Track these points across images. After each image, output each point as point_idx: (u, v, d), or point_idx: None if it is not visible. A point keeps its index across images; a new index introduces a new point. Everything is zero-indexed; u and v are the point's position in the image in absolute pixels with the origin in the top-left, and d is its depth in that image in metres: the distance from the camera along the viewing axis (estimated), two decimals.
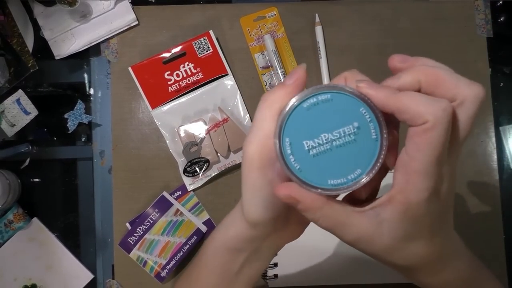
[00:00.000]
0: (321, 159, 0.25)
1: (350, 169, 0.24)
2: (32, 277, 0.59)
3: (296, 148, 0.25)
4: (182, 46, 0.59)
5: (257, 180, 0.27)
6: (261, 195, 0.27)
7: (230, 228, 0.33)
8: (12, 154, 0.61)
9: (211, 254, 0.35)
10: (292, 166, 0.25)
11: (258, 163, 0.26)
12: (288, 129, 0.25)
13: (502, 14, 0.64)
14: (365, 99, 0.24)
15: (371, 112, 0.24)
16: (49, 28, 0.61)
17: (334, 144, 0.24)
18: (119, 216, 0.60)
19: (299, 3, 0.63)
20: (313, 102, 0.24)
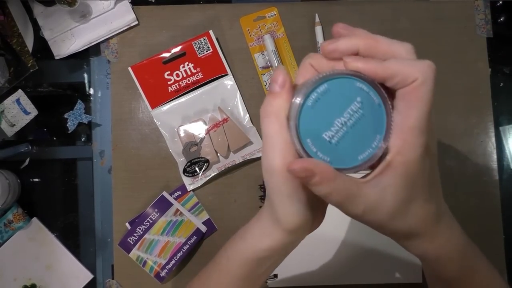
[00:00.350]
0: (344, 143, 0.26)
1: (371, 138, 0.26)
2: (32, 277, 0.59)
3: (319, 144, 0.26)
4: (182, 46, 0.59)
5: (291, 190, 0.28)
6: (298, 202, 0.29)
7: (263, 240, 0.33)
8: (12, 154, 0.61)
9: (238, 264, 0.35)
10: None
11: (286, 174, 0.26)
12: (303, 130, 0.26)
13: (502, 14, 0.64)
14: (357, 74, 0.25)
15: (366, 83, 0.26)
16: (49, 28, 0.61)
17: (349, 124, 0.26)
18: (119, 216, 0.60)
19: (299, 3, 0.63)
20: (315, 97, 0.26)
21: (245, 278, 0.36)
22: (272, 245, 0.32)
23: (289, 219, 0.29)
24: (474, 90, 0.62)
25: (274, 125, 0.27)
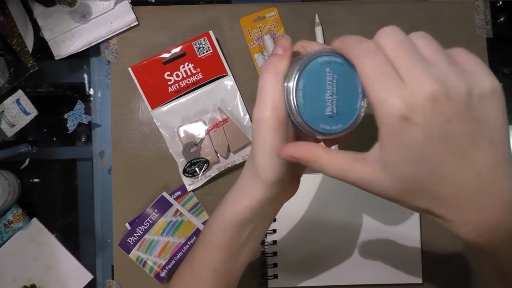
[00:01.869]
0: (335, 108, 0.29)
1: (355, 99, 0.29)
2: (32, 278, 0.59)
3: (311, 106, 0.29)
4: (182, 46, 0.59)
5: (273, 140, 0.30)
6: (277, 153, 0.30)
7: (242, 200, 0.34)
8: (12, 155, 0.61)
9: (219, 232, 0.36)
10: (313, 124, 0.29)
11: (273, 124, 0.29)
12: (298, 90, 0.29)
13: (501, 14, 0.64)
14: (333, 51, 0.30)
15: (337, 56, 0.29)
16: (49, 28, 0.61)
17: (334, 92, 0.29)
18: (119, 216, 0.60)
19: (299, 3, 0.63)
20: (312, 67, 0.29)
21: (226, 248, 0.36)
22: (249, 203, 0.34)
23: (268, 169, 0.31)
24: None
25: (271, 79, 0.29)
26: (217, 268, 0.37)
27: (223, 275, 0.37)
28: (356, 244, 0.59)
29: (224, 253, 0.36)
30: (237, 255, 0.37)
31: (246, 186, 0.34)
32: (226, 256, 0.36)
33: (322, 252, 0.59)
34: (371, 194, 0.27)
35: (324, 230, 0.59)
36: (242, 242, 0.36)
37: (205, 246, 0.37)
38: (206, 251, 0.37)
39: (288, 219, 0.59)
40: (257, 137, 0.30)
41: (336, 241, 0.59)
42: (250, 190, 0.33)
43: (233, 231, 0.35)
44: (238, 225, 0.35)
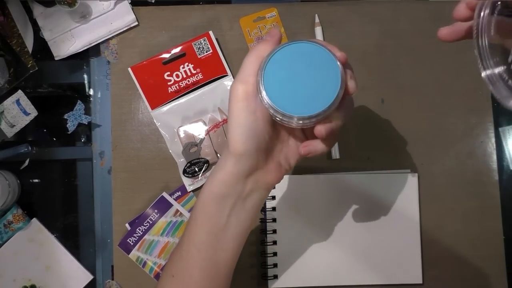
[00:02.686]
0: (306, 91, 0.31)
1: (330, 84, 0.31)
2: (32, 278, 0.59)
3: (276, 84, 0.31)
4: (181, 46, 0.59)
5: (242, 111, 0.32)
6: (245, 125, 0.33)
7: (216, 174, 0.36)
8: (12, 155, 0.61)
9: (200, 208, 0.37)
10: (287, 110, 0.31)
11: (243, 95, 0.32)
12: (267, 78, 0.31)
13: None
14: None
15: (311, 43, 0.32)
16: (49, 28, 0.61)
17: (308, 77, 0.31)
18: (119, 216, 0.60)
19: (299, 3, 0.63)
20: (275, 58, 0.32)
21: (208, 227, 0.36)
22: (222, 177, 0.35)
23: (236, 141, 0.33)
24: (474, 91, 0.62)
25: (251, 58, 0.33)
26: (201, 249, 0.36)
27: (208, 260, 0.36)
28: (356, 245, 0.59)
29: (206, 233, 0.36)
30: (220, 238, 0.36)
31: (221, 161, 0.36)
32: (208, 237, 0.36)
33: (322, 253, 0.59)
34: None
35: (324, 230, 0.59)
36: (223, 223, 0.36)
37: (190, 224, 0.38)
38: (191, 229, 0.37)
39: (288, 219, 0.59)
40: (228, 108, 0.34)
41: (336, 242, 0.59)
42: (223, 164, 0.35)
43: (212, 207, 0.36)
44: (215, 200, 0.36)
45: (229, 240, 0.37)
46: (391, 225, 0.59)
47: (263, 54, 0.33)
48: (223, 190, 0.35)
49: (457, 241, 0.61)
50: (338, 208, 0.60)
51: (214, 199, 0.36)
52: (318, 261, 0.59)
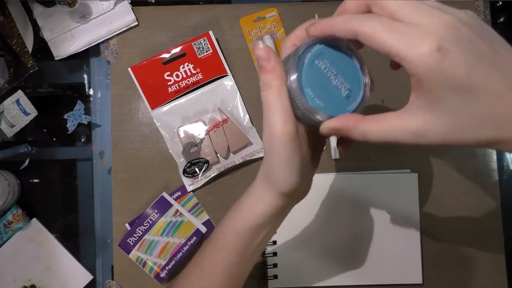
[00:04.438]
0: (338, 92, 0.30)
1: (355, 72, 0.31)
2: (32, 278, 0.59)
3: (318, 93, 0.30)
4: (181, 46, 0.59)
5: (288, 152, 0.30)
6: (294, 165, 0.31)
7: (258, 207, 0.35)
8: (12, 155, 0.61)
9: (233, 236, 0.36)
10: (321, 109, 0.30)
11: (287, 137, 0.30)
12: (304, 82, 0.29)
13: (501, 14, 0.64)
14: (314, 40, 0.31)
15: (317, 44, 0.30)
16: (49, 28, 0.61)
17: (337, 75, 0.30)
18: (119, 216, 0.60)
19: (299, 3, 0.63)
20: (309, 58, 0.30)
21: (240, 251, 0.36)
22: (266, 210, 0.34)
23: (285, 180, 0.32)
24: None
25: (273, 94, 0.30)
26: (227, 270, 0.37)
27: (233, 277, 0.38)
28: (356, 245, 0.59)
29: (237, 256, 0.37)
30: (249, 258, 0.37)
31: (262, 194, 0.34)
32: (239, 259, 0.37)
33: (321, 253, 0.59)
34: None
35: (323, 230, 0.59)
36: (255, 246, 0.37)
37: (217, 250, 0.38)
38: (218, 254, 0.38)
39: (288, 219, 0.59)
40: (271, 151, 0.31)
41: (336, 242, 0.59)
42: (267, 198, 0.34)
43: (248, 235, 0.36)
44: (254, 230, 0.35)
45: (256, 256, 0.38)
46: (391, 225, 0.59)
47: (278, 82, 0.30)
48: (264, 221, 0.35)
49: (457, 241, 0.61)
50: (338, 208, 0.60)
51: (252, 229, 0.36)
52: (318, 261, 0.59)
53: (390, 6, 0.26)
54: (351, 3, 0.29)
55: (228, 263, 0.37)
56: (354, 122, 0.28)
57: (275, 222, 0.37)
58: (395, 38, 0.24)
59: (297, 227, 0.59)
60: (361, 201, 0.59)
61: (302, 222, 0.59)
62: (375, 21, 0.25)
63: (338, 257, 0.59)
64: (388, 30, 0.25)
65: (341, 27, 0.27)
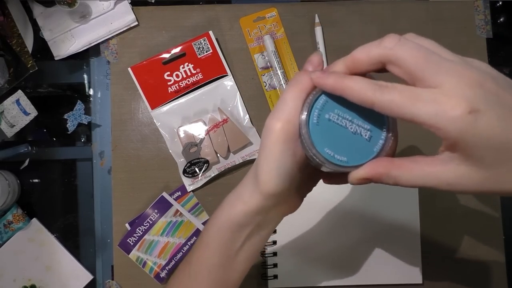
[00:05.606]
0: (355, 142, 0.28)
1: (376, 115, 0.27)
2: (32, 278, 0.59)
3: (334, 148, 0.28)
4: (181, 46, 0.59)
5: (281, 152, 0.29)
6: (283, 167, 0.30)
7: (237, 204, 0.34)
8: (12, 155, 0.61)
9: (214, 233, 0.36)
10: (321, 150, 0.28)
11: (282, 136, 0.29)
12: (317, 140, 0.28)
13: (501, 14, 0.64)
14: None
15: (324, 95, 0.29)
16: (49, 28, 0.61)
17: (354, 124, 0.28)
18: (119, 216, 0.60)
19: (299, 3, 0.63)
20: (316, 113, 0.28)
21: (221, 250, 0.36)
22: (246, 208, 0.33)
23: (268, 181, 0.31)
24: None
25: (293, 94, 0.29)
26: (212, 271, 0.37)
27: (218, 280, 0.37)
28: (356, 245, 0.59)
29: (219, 256, 0.36)
30: (232, 260, 0.36)
31: (244, 192, 0.34)
32: (221, 259, 0.36)
33: (321, 253, 0.59)
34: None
35: (323, 231, 0.59)
36: (237, 248, 0.36)
37: (201, 247, 0.38)
38: (203, 252, 0.37)
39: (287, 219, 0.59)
40: (264, 146, 0.30)
41: (336, 242, 0.59)
42: (247, 197, 0.33)
43: (227, 234, 0.35)
44: (232, 229, 0.35)
45: (241, 262, 0.37)
46: (391, 225, 0.59)
47: (306, 90, 0.29)
48: (243, 220, 0.34)
49: (457, 241, 0.61)
50: (337, 208, 0.60)
51: (232, 227, 0.35)
52: (318, 261, 0.59)
53: (407, 66, 0.25)
54: (363, 60, 0.27)
55: (212, 264, 0.36)
56: (384, 169, 0.27)
57: (258, 227, 0.35)
58: (420, 108, 0.23)
59: (297, 227, 0.59)
60: (361, 202, 0.59)
61: (302, 222, 0.59)
62: (394, 93, 0.24)
63: (338, 257, 0.59)
64: (411, 100, 0.24)
65: (356, 94, 0.26)
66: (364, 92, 0.25)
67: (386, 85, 0.25)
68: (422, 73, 0.24)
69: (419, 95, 0.24)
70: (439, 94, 0.23)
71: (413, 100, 0.24)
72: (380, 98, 0.24)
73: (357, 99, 0.25)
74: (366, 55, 0.26)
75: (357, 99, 0.25)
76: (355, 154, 0.28)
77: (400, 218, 0.59)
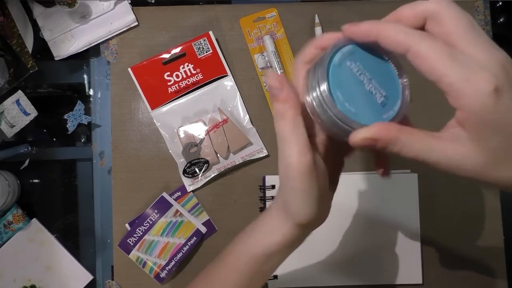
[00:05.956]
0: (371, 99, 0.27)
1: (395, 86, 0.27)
2: (32, 278, 0.59)
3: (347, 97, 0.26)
4: (181, 47, 0.59)
5: (306, 186, 0.29)
6: (311, 197, 0.29)
7: (273, 236, 0.34)
8: (12, 155, 0.61)
9: (246, 260, 0.36)
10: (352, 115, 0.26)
11: (303, 169, 0.28)
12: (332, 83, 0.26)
13: (501, 15, 0.64)
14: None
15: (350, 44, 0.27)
16: (49, 29, 0.61)
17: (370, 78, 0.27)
18: (119, 217, 0.60)
19: (299, 3, 0.63)
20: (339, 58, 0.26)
21: (252, 275, 0.36)
22: (281, 240, 0.33)
23: (303, 213, 0.30)
24: None
25: (288, 124, 0.28)
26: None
27: None
28: (356, 245, 0.59)
29: (246, 280, 0.36)
30: (256, 282, 0.37)
31: (277, 224, 0.34)
32: (248, 282, 0.37)
33: (321, 253, 0.59)
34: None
35: (323, 231, 0.59)
36: (264, 272, 0.36)
37: (228, 270, 0.38)
38: (229, 274, 0.37)
39: None
40: (287, 183, 0.29)
41: (336, 242, 0.59)
42: (282, 229, 0.33)
43: (260, 261, 0.35)
44: (267, 257, 0.35)
45: (261, 281, 0.38)
46: (391, 225, 0.59)
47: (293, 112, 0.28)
48: (279, 249, 0.34)
49: (457, 241, 0.61)
50: (337, 208, 0.60)
51: (266, 256, 0.35)
52: (318, 261, 0.59)
53: (449, 25, 0.24)
54: (408, 11, 0.26)
55: (237, 284, 0.37)
56: (395, 133, 0.26)
57: (289, 250, 0.36)
58: (453, 67, 0.23)
59: None
60: (361, 202, 0.59)
61: None
62: (434, 43, 0.24)
63: (338, 257, 0.59)
64: (447, 57, 0.23)
65: (392, 36, 0.25)
66: (403, 36, 0.24)
67: (427, 34, 0.24)
68: (462, 37, 0.24)
69: (456, 56, 0.23)
70: (474, 62, 0.23)
71: (450, 58, 0.23)
72: (418, 44, 0.24)
73: (393, 42, 0.24)
74: (412, 11, 0.26)
75: (393, 42, 0.24)
76: (365, 112, 0.26)
77: (400, 218, 0.59)
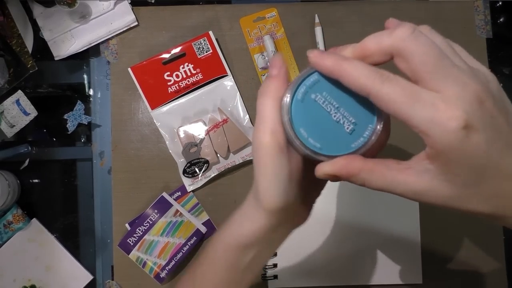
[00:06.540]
0: (336, 131, 0.26)
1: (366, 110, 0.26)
2: (32, 278, 0.59)
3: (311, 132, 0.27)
4: (181, 46, 0.59)
5: (276, 165, 0.28)
6: (280, 180, 0.29)
7: (244, 225, 0.33)
8: (12, 155, 0.61)
9: (221, 252, 0.35)
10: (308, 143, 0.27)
11: (274, 149, 0.28)
12: (296, 119, 0.27)
13: (501, 15, 0.64)
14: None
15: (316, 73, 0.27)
16: (49, 28, 0.61)
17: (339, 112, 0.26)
18: (119, 216, 0.60)
19: (299, 3, 0.63)
20: (303, 90, 0.27)
21: (228, 267, 0.35)
22: (252, 228, 0.32)
23: (269, 196, 0.29)
24: None
25: (268, 104, 0.28)
26: (218, 285, 0.36)
27: None
28: (356, 245, 0.59)
29: (226, 273, 0.36)
30: (239, 276, 0.36)
31: (249, 211, 0.33)
32: (227, 276, 0.36)
33: (321, 253, 0.59)
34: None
35: (323, 231, 0.59)
36: (245, 265, 0.35)
37: (208, 263, 0.37)
38: (209, 268, 0.37)
39: None
40: (258, 162, 0.29)
41: (336, 242, 0.59)
42: (253, 216, 0.32)
43: (236, 253, 0.34)
44: (241, 248, 0.34)
45: (247, 277, 0.37)
46: (391, 225, 0.59)
47: (277, 94, 0.28)
48: (251, 240, 0.33)
49: (457, 241, 0.61)
50: (337, 208, 0.60)
51: (240, 247, 0.34)
52: (318, 261, 0.59)
53: (415, 62, 0.23)
54: (374, 47, 0.25)
55: (217, 278, 0.36)
56: (355, 170, 0.26)
57: (267, 244, 0.35)
58: (416, 109, 0.22)
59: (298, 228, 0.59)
60: (360, 202, 0.59)
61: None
62: (395, 85, 0.23)
63: (338, 257, 0.59)
64: (411, 99, 0.22)
65: (353, 79, 0.24)
66: (364, 79, 0.23)
67: (388, 76, 0.23)
68: (428, 74, 0.23)
69: (420, 96, 0.22)
70: (440, 100, 0.22)
71: (413, 99, 0.22)
72: (379, 88, 0.23)
73: (354, 85, 0.24)
74: (378, 46, 0.24)
75: (353, 85, 0.24)
76: (331, 144, 0.26)
77: (400, 218, 0.59)
